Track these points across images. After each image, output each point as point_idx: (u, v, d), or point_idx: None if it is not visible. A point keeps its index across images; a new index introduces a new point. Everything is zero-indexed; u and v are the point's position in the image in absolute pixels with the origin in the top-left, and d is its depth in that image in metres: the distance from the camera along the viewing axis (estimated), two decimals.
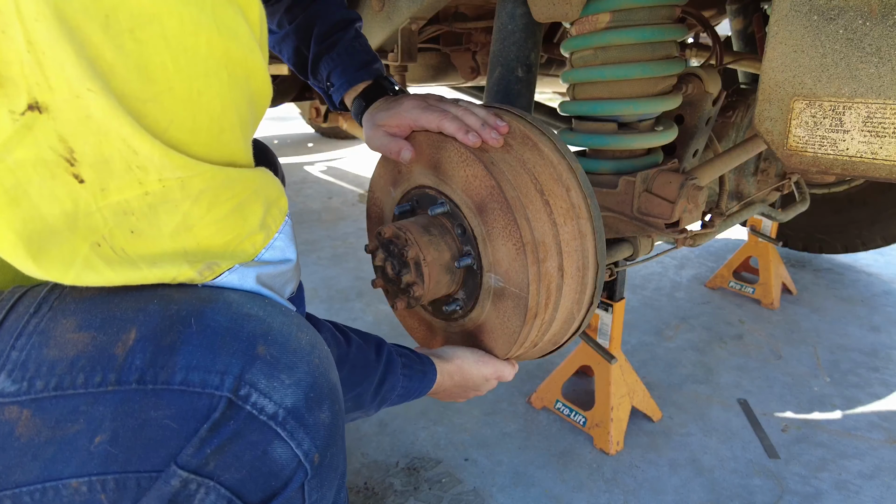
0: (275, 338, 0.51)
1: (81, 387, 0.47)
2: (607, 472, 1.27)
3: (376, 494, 1.21)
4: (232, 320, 0.50)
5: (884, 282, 2.24)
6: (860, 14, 0.68)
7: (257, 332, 0.51)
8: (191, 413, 0.47)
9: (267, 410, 0.48)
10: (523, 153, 0.83)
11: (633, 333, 1.87)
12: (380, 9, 1.26)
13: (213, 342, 0.49)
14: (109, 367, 0.47)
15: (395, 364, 0.78)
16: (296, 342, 0.53)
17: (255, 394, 0.48)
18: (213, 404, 0.47)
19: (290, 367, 0.51)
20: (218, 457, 0.47)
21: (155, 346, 0.48)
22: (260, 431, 0.48)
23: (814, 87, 0.73)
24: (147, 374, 0.47)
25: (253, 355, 0.49)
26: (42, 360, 0.47)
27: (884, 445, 1.36)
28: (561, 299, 0.83)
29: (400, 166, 0.88)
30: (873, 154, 0.71)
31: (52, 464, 0.46)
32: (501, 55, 1.02)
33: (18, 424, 0.46)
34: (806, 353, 1.75)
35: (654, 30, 0.91)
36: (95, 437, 0.46)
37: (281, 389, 0.49)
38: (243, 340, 0.50)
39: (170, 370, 0.47)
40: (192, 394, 0.47)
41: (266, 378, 0.49)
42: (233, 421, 0.48)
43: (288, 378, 0.50)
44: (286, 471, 0.50)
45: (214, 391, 0.47)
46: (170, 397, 0.47)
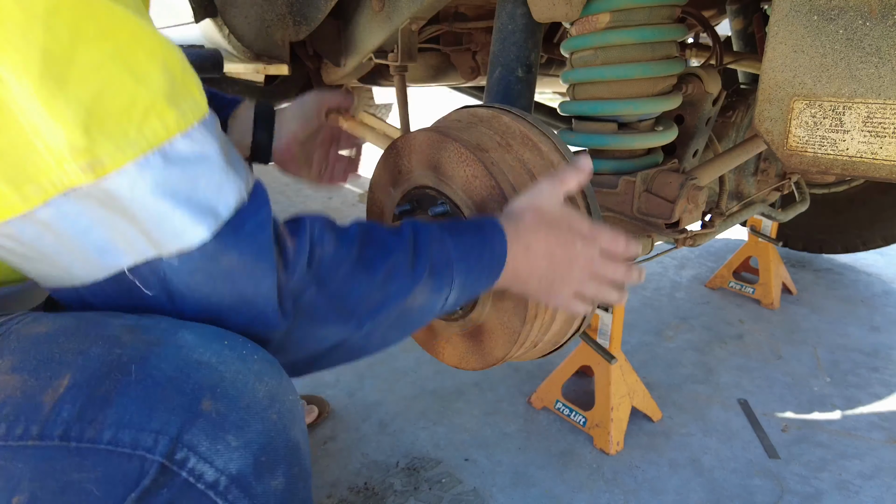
0: (225, 390, 0.45)
1: (2, 438, 0.42)
2: (607, 472, 1.27)
3: (376, 494, 1.21)
4: (178, 369, 0.45)
5: (884, 282, 2.23)
6: (860, 14, 0.68)
7: (205, 383, 0.45)
8: (118, 478, 0.41)
9: (206, 478, 0.43)
10: (523, 153, 0.83)
11: (633, 333, 1.87)
12: (380, 9, 1.26)
13: (152, 395, 0.43)
14: (33, 419, 0.42)
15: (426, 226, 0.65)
16: (250, 396, 0.46)
17: (194, 458, 0.42)
18: (143, 469, 0.41)
19: (238, 426, 0.44)
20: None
21: (86, 397, 0.42)
22: (197, 502, 0.42)
23: (814, 87, 0.73)
24: (73, 429, 0.42)
25: (196, 412, 0.43)
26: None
27: (884, 445, 1.36)
28: None
29: (400, 166, 0.88)
30: (873, 154, 0.71)
31: None
32: (501, 55, 1.02)
33: None
34: (806, 354, 1.75)
35: (654, 30, 0.91)
36: (13, 498, 0.41)
37: (225, 453, 0.43)
38: (187, 394, 0.44)
39: (98, 426, 0.42)
40: (120, 455, 0.41)
41: (209, 439, 0.43)
42: (165, 489, 0.42)
43: (235, 439, 0.44)
44: None
45: (146, 454, 0.42)
46: (95, 458, 0.41)
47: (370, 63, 1.46)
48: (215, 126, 0.51)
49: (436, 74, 1.69)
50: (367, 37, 1.35)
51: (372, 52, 1.37)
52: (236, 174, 0.51)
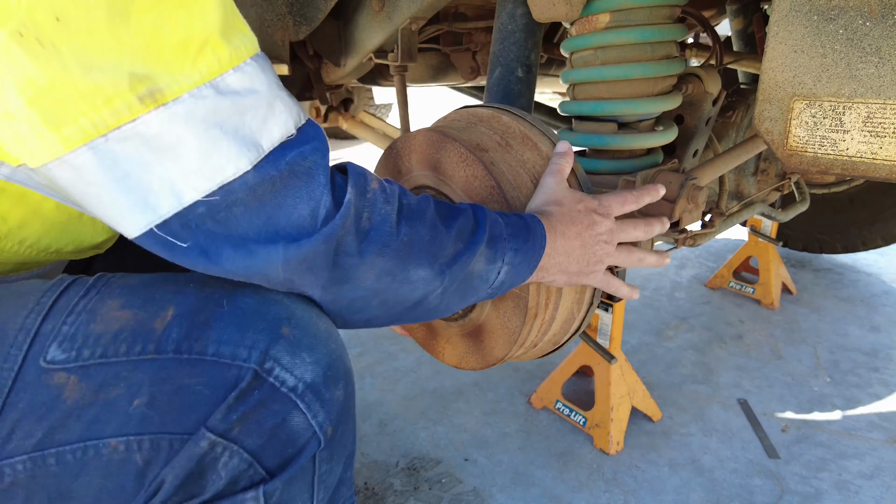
0: (298, 321, 0.54)
1: (123, 355, 0.51)
2: (607, 472, 1.27)
3: (376, 494, 1.21)
4: (259, 303, 0.54)
5: (884, 282, 2.23)
6: (860, 14, 0.68)
7: (282, 315, 0.54)
8: (220, 382, 0.51)
9: (288, 383, 0.52)
10: (523, 153, 0.83)
11: (633, 333, 1.87)
12: (380, 9, 1.26)
13: (243, 320, 0.53)
14: (149, 339, 0.51)
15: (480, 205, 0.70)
16: (315, 328, 0.56)
17: (279, 368, 0.52)
18: (240, 375, 0.51)
19: (310, 347, 0.54)
20: (242, 423, 0.50)
21: (190, 322, 0.52)
22: (281, 402, 0.51)
23: (814, 87, 0.73)
24: (183, 344, 0.51)
25: (278, 334, 0.53)
26: (89, 334, 0.51)
27: (884, 445, 1.36)
28: (561, 299, 0.83)
29: (400, 166, 0.88)
30: (873, 154, 0.71)
31: (93, 424, 0.49)
32: (501, 55, 1.02)
33: (66, 389, 0.49)
34: (806, 353, 1.75)
35: (654, 30, 0.91)
36: (134, 401, 0.50)
37: (302, 366, 0.53)
38: (269, 321, 0.53)
39: (203, 342, 0.51)
40: (222, 364, 0.51)
41: (289, 355, 0.52)
42: (257, 391, 0.51)
43: (309, 357, 0.53)
44: (301, 439, 0.53)
45: (242, 363, 0.51)
46: (203, 367, 0.51)
47: (370, 63, 1.46)
48: (267, 63, 0.53)
49: (436, 74, 1.69)
50: (367, 37, 1.35)
51: (372, 52, 1.37)
52: (285, 109, 0.52)
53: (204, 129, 0.47)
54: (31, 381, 0.49)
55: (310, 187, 0.52)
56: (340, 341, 0.59)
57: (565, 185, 0.80)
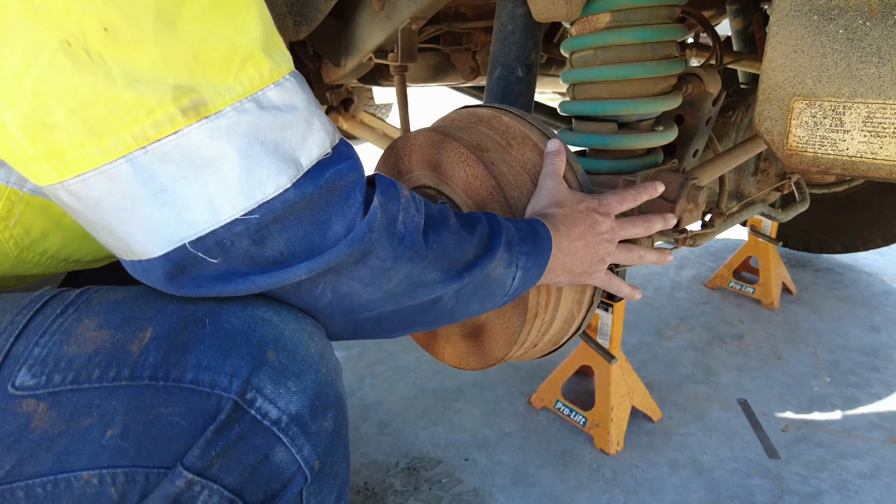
0: (285, 344, 0.52)
1: (97, 381, 0.48)
2: (607, 472, 1.27)
3: (376, 494, 1.21)
4: (245, 323, 0.51)
5: (884, 282, 2.23)
6: (860, 14, 0.68)
7: (268, 337, 0.51)
8: (199, 412, 0.48)
9: (271, 416, 0.49)
10: (523, 153, 0.83)
11: (633, 333, 1.87)
12: (380, 9, 1.26)
13: (225, 343, 0.50)
14: (124, 363, 0.49)
15: (496, 216, 0.71)
16: (305, 351, 0.53)
17: (261, 399, 0.49)
18: (220, 405, 0.48)
19: (297, 374, 0.51)
20: (222, 459, 0.48)
21: (168, 345, 0.49)
22: (263, 436, 0.49)
23: (814, 87, 0.73)
24: (160, 370, 0.48)
25: (262, 360, 0.50)
26: (61, 356, 0.49)
27: (884, 445, 1.36)
28: (561, 300, 0.83)
29: (400, 166, 0.88)
30: (873, 154, 0.71)
31: (64, 456, 0.47)
32: (501, 55, 1.02)
33: (35, 417, 0.47)
34: (806, 353, 1.75)
35: (654, 30, 0.91)
36: (107, 431, 0.47)
37: (286, 396, 0.50)
38: (254, 344, 0.50)
39: (181, 368, 0.49)
40: (201, 393, 0.48)
41: (273, 384, 0.50)
42: (237, 424, 0.49)
43: (294, 385, 0.51)
44: (286, 475, 0.51)
45: (223, 392, 0.48)
46: (180, 395, 0.48)
47: (370, 63, 1.46)
48: (303, 80, 0.53)
49: (436, 74, 1.69)
50: (367, 37, 1.35)
51: (372, 52, 1.37)
52: (322, 128, 0.52)
53: (246, 143, 0.46)
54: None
55: (346, 205, 0.51)
56: (333, 363, 0.57)
57: (564, 185, 0.81)
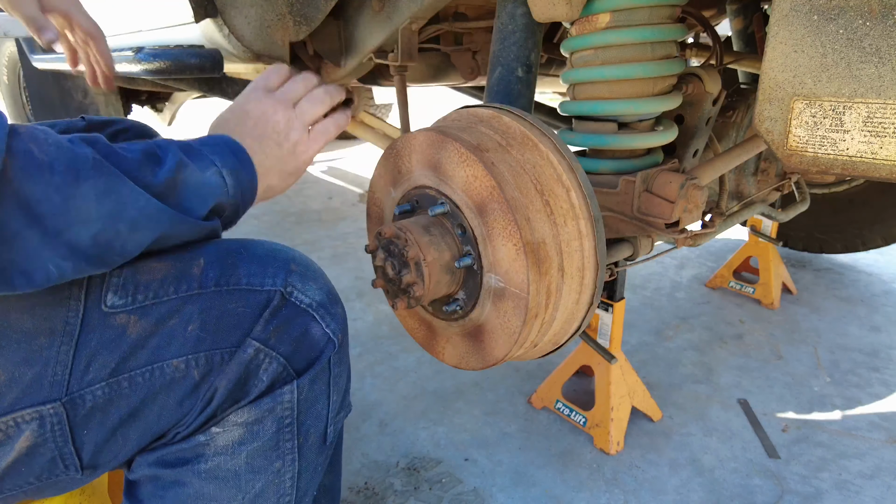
0: (300, 261, 0.69)
1: (173, 294, 0.61)
2: (607, 472, 1.27)
3: (377, 494, 1.21)
4: (268, 251, 0.68)
5: (884, 282, 2.23)
6: (860, 14, 0.68)
7: (287, 257, 0.68)
8: (256, 303, 0.63)
9: (305, 302, 0.66)
10: (523, 153, 0.83)
11: (633, 333, 1.87)
12: (380, 9, 1.26)
13: (262, 260, 0.66)
14: (192, 280, 0.62)
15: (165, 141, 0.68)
16: (314, 267, 0.70)
17: (297, 291, 0.65)
18: (270, 296, 0.64)
19: (314, 278, 0.68)
20: (276, 334, 0.63)
21: (221, 264, 0.64)
22: (302, 316, 0.65)
23: (814, 87, 0.73)
24: (221, 279, 0.63)
25: (289, 269, 0.67)
26: (139, 282, 0.60)
27: (884, 445, 1.36)
28: (561, 299, 0.83)
29: (400, 166, 0.88)
30: (873, 154, 0.71)
31: (156, 350, 0.59)
32: (501, 55, 1.02)
33: (129, 327, 0.59)
34: (806, 353, 1.75)
35: (654, 30, 0.91)
36: (189, 327, 0.60)
37: (312, 290, 0.67)
38: (281, 260, 0.67)
39: (237, 277, 0.63)
40: (255, 291, 0.63)
41: (301, 282, 0.66)
42: (284, 308, 0.64)
43: (314, 284, 0.68)
44: (320, 344, 0.66)
45: (271, 287, 0.64)
46: (240, 294, 0.63)
47: (370, 63, 1.46)
48: None
49: (436, 74, 1.69)
50: (367, 37, 1.35)
51: (372, 52, 1.37)
52: None
53: None
54: (97, 323, 0.58)
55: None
56: (327, 278, 0.73)
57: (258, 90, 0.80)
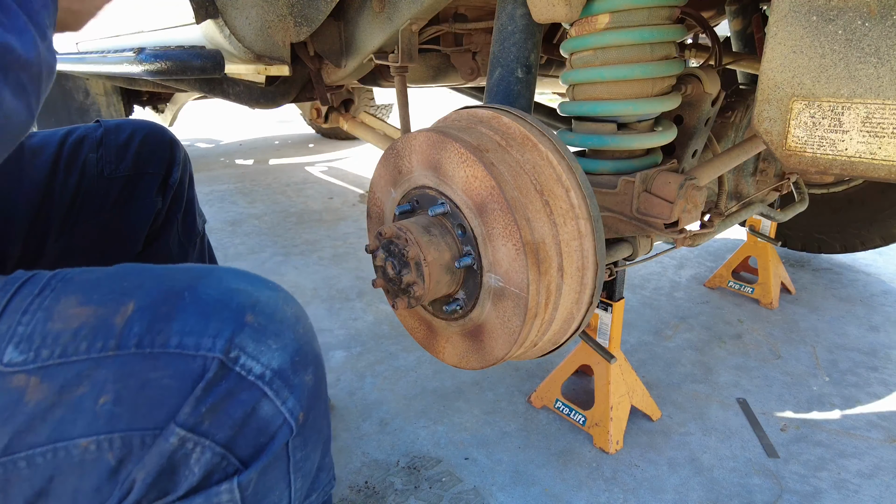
0: (262, 308, 0.55)
1: (84, 353, 0.50)
2: (607, 471, 1.28)
3: (377, 493, 1.22)
4: (222, 293, 0.55)
5: (882, 281, 2.24)
6: (859, 15, 0.68)
7: (245, 303, 0.55)
8: (187, 373, 0.51)
9: (255, 371, 0.52)
10: (523, 154, 0.83)
11: (633, 333, 1.87)
12: (380, 10, 1.26)
13: (206, 310, 0.53)
14: (109, 335, 0.51)
15: None
16: (282, 314, 0.56)
17: (244, 356, 0.52)
18: (206, 365, 0.51)
19: (276, 333, 0.54)
20: (212, 415, 0.51)
21: (152, 315, 0.52)
22: (249, 390, 0.52)
23: (813, 88, 0.73)
24: (145, 339, 0.51)
25: (242, 322, 0.53)
26: (47, 333, 0.50)
27: (883, 445, 1.37)
28: (560, 299, 0.83)
29: (400, 166, 0.89)
30: (872, 154, 0.71)
31: (60, 425, 0.49)
32: (501, 56, 1.02)
33: (27, 391, 0.49)
34: (805, 353, 1.75)
35: (653, 30, 0.92)
36: (100, 399, 0.49)
37: (268, 353, 0.53)
38: (233, 310, 0.54)
39: (166, 335, 0.51)
40: (187, 356, 0.51)
41: (254, 342, 0.53)
42: (224, 381, 0.51)
43: (275, 343, 0.54)
44: (272, 427, 0.53)
45: (207, 353, 0.51)
46: (167, 359, 0.51)
47: (371, 64, 1.46)
48: None
49: (436, 75, 1.69)
50: (367, 38, 1.36)
51: (372, 53, 1.38)
52: None
53: None
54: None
55: None
56: (309, 325, 0.59)
57: None
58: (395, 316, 1.90)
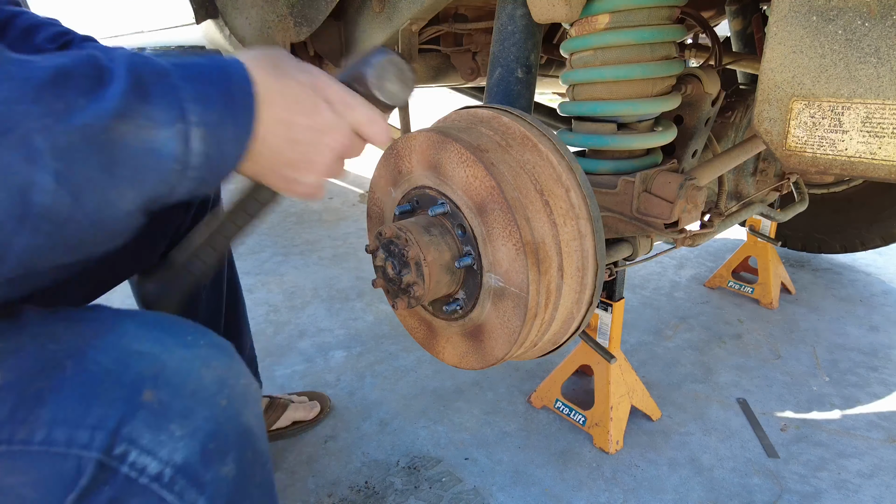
0: (168, 379, 0.42)
1: None
2: (607, 471, 1.28)
3: (377, 493, 1.22)
4: (117, 360, 0.41)
5: (882, 281, 2.24)
6: (859, 15, 0.68)
7: (146, 373, 0.42)
8: (53, 479, 0.38)
9: (149, 470, 0.40)
10: (523, 154, 0.83)
11: (633, 333, 1.87)
12: (380, 10, 1.26)
13: (89, 389, 0.40)
14: None
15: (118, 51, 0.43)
16: (196, 382, 0.43)
17: (135, 451, 0.40)
18: (80, 467, 0.39)
19: (183, 414, 0.42)
20: None
21: (18, 396, 0.39)
22: (142, 496, 0.40)
23: (813, 88, 0.73)
24: (3, 431, 0.39)
25: (136, 403, 0.40)
26: None
27: (883, 445, 1.37)
28: (560, 299, 0.83)
29: (400, 166, 0.89)
30: (872, 154, 0.71)
31: None
32: (501, 56, 1.02)
33: None
34: (805, 353, 1.75)
35: (653, 31, 0.92)
36: None
37: (170, 443, 0.41)
38: (126, 385, 0.41)
39: (30, 426, 0.39)
40: (54, 455, 0.39)
41: (150, 430, 0.40)
42: (107, 486, 0.39)
43: (180, 428, 0.41)
44: None
45: (82, 451, 0.39)
46: (28, 460, 0.38)
47: None
48: None
49: (436, 75, 1.69)
50: (367, 38, 1.36)
51: None
52: None
53: None
54: None
55: None
56: (240, 389, 0.46)
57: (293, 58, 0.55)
58: (394, 316, 1.90)
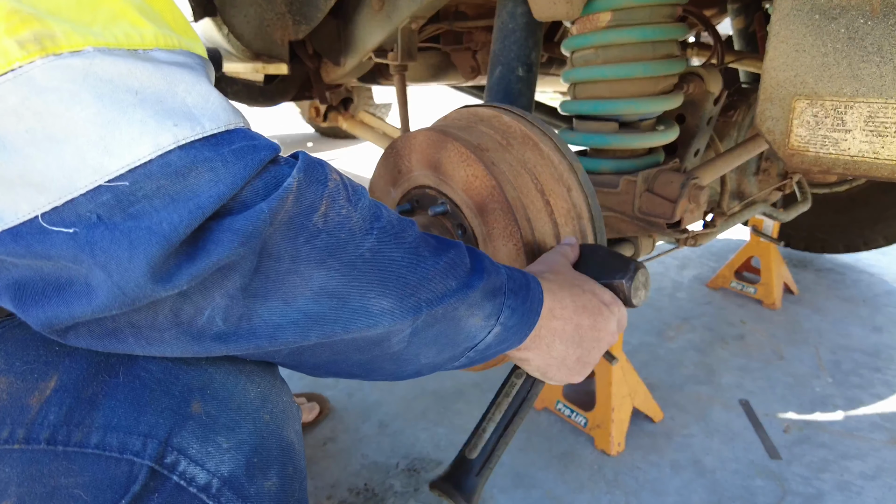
0: (215, 392, 0.44)
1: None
2: (608, 473, 1.27)
3: (376, 496, 1.21)
4: (166, 370, 0.43)
5: (886, 282, 2.23)
6: (862, 13, 0.67)
7: (194, 385, 0.43)
8: (106, 483, 0.39)
9: (198, 481, 0.41)
10: (524, 153, 0.82)
11: (635, 334, 1.86)
12: (379, 8, 1.26)
13: (140, 396, 0.41)
14: (20, 421, 0.40)
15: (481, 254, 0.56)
16: (241, 396, 0.45)
17: (185, 461, 0.41)
18: (133, 473, 0.40)
19: (229, 427, 0.43)
20: None
21: (73, 399, 0.41)
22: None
23: (815, 87, 0.73)
24: (60, 432, 0.40)
25: (185, 414, 0.42)
26: None
27: (886, 446, 1.36)
28: None
29: (400, 166, 0.88)
30: (875, 153, 0.70)
31: None
32: (502, 54, 1.01)
33: None
34: (808, 354, 1.74)
35: (655, 29, 0.91)
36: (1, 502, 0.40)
37: (217, 455, 0.42)
38: (175, 396, 0.42)
39: (86, 429, 0.40)
40: (108, 459, 0.40)
41: (199, 441, 0.42)
42: (157, 493, 0.40)
43: (226, 441, 0.43)
44: None
45: (135, 458, 0.40)
46: (83, 462, 0.40)
47: (370, 62, 1.46)
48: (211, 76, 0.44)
49: (436, 73, 1.68)
50: (366, 36, 1.35)
51: (372, 51, 1.37)
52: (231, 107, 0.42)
53: (110, 90, 0.35)
54: None
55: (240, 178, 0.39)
56: (282, 406, 0.48)
57: (569, 265, 0.71)
58: None
